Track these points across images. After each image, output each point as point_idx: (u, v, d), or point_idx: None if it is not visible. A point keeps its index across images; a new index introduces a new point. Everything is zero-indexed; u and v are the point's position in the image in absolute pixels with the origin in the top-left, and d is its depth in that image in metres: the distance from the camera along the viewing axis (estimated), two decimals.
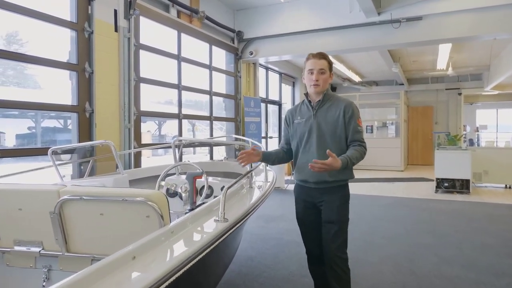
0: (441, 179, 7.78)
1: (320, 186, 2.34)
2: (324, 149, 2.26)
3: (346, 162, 2.18)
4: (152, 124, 14.48)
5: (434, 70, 12.23)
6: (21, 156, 4.52)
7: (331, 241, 2.31)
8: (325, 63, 2.34)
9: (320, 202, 2.38)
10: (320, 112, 2.37)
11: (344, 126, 2.32)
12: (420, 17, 6.74)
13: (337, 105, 2.35)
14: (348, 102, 2.37)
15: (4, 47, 4.06)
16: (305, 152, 2.39)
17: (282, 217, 5.65)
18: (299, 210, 2.52)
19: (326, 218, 2.35)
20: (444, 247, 4.17)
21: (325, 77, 2.34)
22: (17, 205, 1.84)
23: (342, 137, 2.33)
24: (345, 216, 2.37)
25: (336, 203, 2.33)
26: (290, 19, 7.78)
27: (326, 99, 2.39)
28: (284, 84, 11.55)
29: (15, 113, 6.83)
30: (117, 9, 5.16)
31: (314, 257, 2.53)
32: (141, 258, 1.33)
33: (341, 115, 2.31)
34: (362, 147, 2.30)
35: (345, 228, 2.36)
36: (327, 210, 2.35)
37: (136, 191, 1.71)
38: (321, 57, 2.35)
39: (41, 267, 1.96)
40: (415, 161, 14.16)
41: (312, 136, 2.36)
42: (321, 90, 2.35)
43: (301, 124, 2.43)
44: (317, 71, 2.31)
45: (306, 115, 2.42)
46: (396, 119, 13.40)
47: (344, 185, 2.39)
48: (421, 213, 5.97)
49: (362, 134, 2.36)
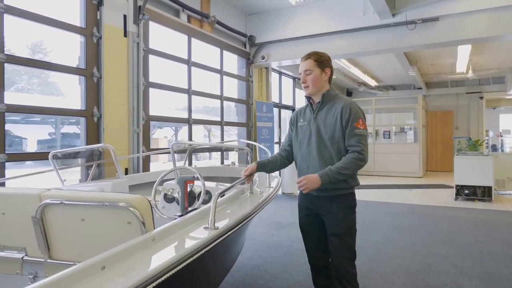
0: (461, 186, 7.45)
1: (322, 194, 2.19)
2: (324, 154, 2.18)
3: (326, 175, 2.04)
4: (169, 130, 14.61)
5: (453, 74, 11.86)
6: (25, 160, 4.55)
7: (337, 255, 2.19)
8: (311, 62, 2.21)
9: (323, 211, 2.24)
10: (320, 115, 2.24)
11: (342, 130, 2.15)
12: (436, 17, 6.51)
13: (336, 106, 2.20)
14: (346, 102, 2.19)
15: (12, 52, 4.10)
16: (305, 157, 2.27)
17: (293, 225, 5.48)
18: (301, 219, 2.40)
19: (330, 231, 2.22)
20: (462, 258, 3.93)
21: (313, 76, 2.20)
22: (0, 210, 1.78)
23: (341, 141, 2.16)
24: (350, 228, 2.21)
25: (340, 214, 2.18)
26: (302, 22, 7.67)
27: (326, 100, 2.24)
28: (298, 89, 11.41)
29: (37, 120, 6.98)
30: (126, 14, 5.17)
31: (317, 268, 2.40)
32: (111, 268, 1.23)
33: (338, 117, 2.15)
34: (355, 153, 2.09)
35: (351, 241, 2.20)
36: (331, 222, 2.21)
37: (118, 196, 1.62)
38: (307, 57, 2.24)
39: (27, 273, 1.89)
40: (434, 167, 13.71)
41: (312, 141, 2.23)
42: (311, 92, 2.24)
43: (303, 127, 2.32)
44: (303, 73, 2.23)
45: (308, 117, 2.31)
46: (414, 124, 13.03)
47: (348, 193, 2.22)
48: (439, 221, 5.70)
49: (362, 138, 2.13)
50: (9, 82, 4.24)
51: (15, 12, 3.93)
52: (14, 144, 6.09)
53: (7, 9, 3.83)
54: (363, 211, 2.36)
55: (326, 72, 2.24)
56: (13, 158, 3.99)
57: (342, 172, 2.05)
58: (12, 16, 3.93)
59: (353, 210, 2.24)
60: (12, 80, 4.47)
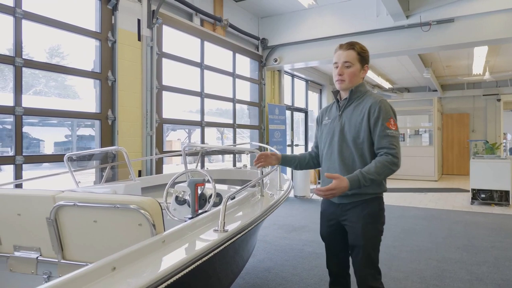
0: (477, 190, 7.30)
1: (342, 201, 2.00)
2: (346, 156, 1.98)
3: (357, 181, 1.81)
4: (183, 132, 14.72)
5: (469, 75, 11.64)
6: (41, 162, 4.66)
7: (359, 268, 2.00)
8: (353, 54, 1.98)
9: (343, 220, 2.03)
10: (346, 112, 2.03)
11: (369, 130, 1.92)
12: (452, 19, 6.42)
13: (364, 104, 1.98)
14: (376, 100, 1.96)
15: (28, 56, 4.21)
16: (327, 159, 2.08)
17: (305, 228, 5.47)
18: (322, 227, 2.21)
19: (351, 241, 2.02)
20: (478, 264, 3.84)
21: (352, 70, 1.98)
22: (16, 210, 1.83)
23: (365, 143, 1.94)
24: (373, 239, 1.97)
25: (360, 223, 1.95)
26: (315, 25, 7.65)
27: (354, 97, 2.02)
28: (310, 92, 11.38)
29: (54, 122, 7.13)
30: (140, 18, 5.25)
31: (335, 276, 2.23)
32: (122, 269, 1.25)
33: (366, 117, 1.93)
34: (389, 156, 1.86)
35: (373, 254, 1.98)
36: (351, 232, 2.00)
37: (129, 198, 1.65)
38: (348, 47, 2.00)
39: (42, 273, 1.93)
40: (450, 170, 13.47)
41: (334, 141, 2.03)
42: (347, 86, 2.00)
43: (327, 125, 2.11)
44: (341, 64, 1.98)
45: (333, 115, 2.10)
46: (430, 127, 12.83)
47: (371, 199, 1.97)
48: (454, 226, 5.59)
49: (394, 139, 1.90)
50: (27, 86, 4.35)
51: (33, 18, 4.04)
52: (31, 146, 6.24)
53: (25, 15, 3.94)
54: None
55: (365, 69, 2.05)
56: (30, 160, 4.09)
57: (374, 178, 1.83)
58: (30, 21, 4.03)
59: (376, 219, 1.99)
60: (30, 84, 4.59)
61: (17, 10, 3.85)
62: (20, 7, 3.88)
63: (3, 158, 4.16)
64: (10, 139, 3.99)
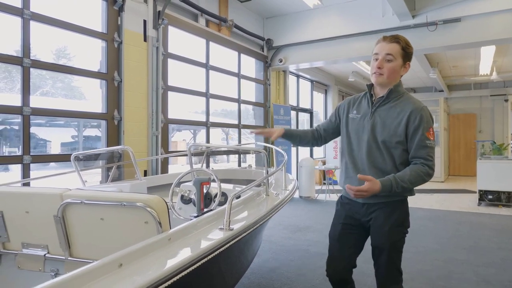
0: (484, 191, 7.24)
1: (368, 201, 1.92)
2: (375, 157, 1.91)
3: (389, 186, 1.77)
4: (188, 133, 14.78)
5: (476, 76, 11.56)
6: (48, 162, 4.71)
7: (381, 271, 1.95)
8: (397, 47, 1.85)
9: (368, 220, 1.96)
10: (379, 111, 1.92)
11: (406, 137, 1.85)
12: (458, 18, 6.38)
13: (403, 107, 1.87)
14: (418, 106, 1.86)
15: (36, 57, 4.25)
16: (351, 154, 2.00)
17: (310, 228, 5.46)
18: (336, 226, 2.09)
19: (374, 242, 1.96)
20: (484, 265, 3.81)
21: (393, 65, 1.85)
22: (24, 208, 1.85)
23: (398, 148, 1.87)
24: (398, 242, 1.92)
25: (387, 224, 1.90)
26: (320, 25, 7.65)
27: (393, 97, 1.91)
28: (316, 92, 11.37)
29: (61, 123, 7.20)
30: (146, 19, 5.29)
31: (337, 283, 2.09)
32: (128, 266, 1.26)
33: (404, 122, 1.84)
34: (426, 167, 1.82)
35: (397, 257, 1.93)
36: (376, 233, 1.94)
37: (135, 196, 1.66)
38: (393, 39, 1.87)
39: (49, 270, 1.95)
40: (457, 171, 13.37)
41: (363, 139, 1.93)
42: (384, 81, 1.88)
43: (355, 120, 2.00)
44: (383, 57, 1.85)
45: (363, 111, 1.98)
46: (436, 127, 12.75)
47: (399, 201, 1.93)
48: (461, 227, 5.55)
49: (432, 151, 1.85)
50: (35, 87, 4.39)
51: (41, 19, 4.09)
52: (39, 146, 6.29)
53: (33, 16, 3.98)
54: None
55: (406, 67, 1.93)
56: (37, 160, 4.13)
57: (406, 186, 1.80)
58: (38, 22, 4.08)
59: (403, 223, 1.94)
60: (38, 85, 4.64)
61: (25, 11, 3.90)
62: (28, 9, 3.92)
63: (11, 158, 4.21)
64: (18, 139, 4.04)
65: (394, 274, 1.94)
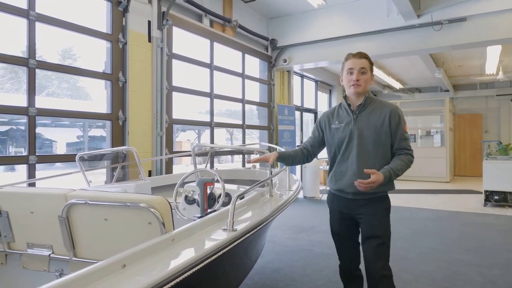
0: (490, 191, 7.18)
1: (358, 197, 2.18)
2: (365, 157, 2.16)
3: (389, 175, 2.05)
4: (192, 133, 14.82)
5: (482, 75, 11.46)
6: (53, 162, 4.73)
7: (375, 259, 2.14)
8: (366, 62, 2.18)
9: (358, 214, 2.22)
10: (361, 117, 2.20)
11: (390, 133, 2.16)
12: (464, 18, 6.34)
13: (381, 109, 2.19)
14: (394, 107, 2.21)
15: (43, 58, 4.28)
16: (344, 160, 2.22)
17: (314, 229, 5.45)
18: (335, 222, 2.37)
19: (368, 233, 2.19)
20: (490, 267, 3.78)
21: (366, 77, 2.18)
22: (29, 208, 1.87)
23: (386, 144, 2.17)
24: (388, 230, 2.20)
25: (378, 216, 2.17)
26: (324, 25, 7.63)
27: (368, 103, 2.21)
28: (320, 92, 11.34)
29: (66, 123, 7.23)
30: (151, 20, 5.30)
31: (349, 273, 2.39)
32: (131, 266, 1.27)
33: (387, 121, 2.15)
34: (408, 155, 2.16)
35: (388, 243, 2.20)
36: (368, 224, 2.19)
37: (139, 196, 1.67)
38: (361, 56, 2.19)
39: (54, 270, 1.96)
40: (463, 172, 13.28)
41: (352, 143, 2.19)
42: (362, 90, 2.18)
43: (339, 129, 2.25)
44: (358, 71, 2.15)
45: (345, 119, 2.24)
46: (441, 127, 12.68)
47: (385, 196, 2.23)
48: (466, 228, 5.51)
49: (409, 141, 2.21)
50: (40, 87, 4.43)
51: (46, 20, 4.11)
52: (44, 146, 6.33)
53: (38, 17, 4.01)
54: None
55: (373, 76, 2.27)
56: (43, 160, 4.16)
57: (400, 173, 2.10)
58: (43, 23, 4.10)
59: (389, 212, 2.25)
60: (43, 85, 4.67)
61: (30, 12, 3.92)
62: (33, 10, 3.95)
63: (17, 158, 4.24)
64: (24, 139, 4.07)
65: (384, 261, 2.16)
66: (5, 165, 4.57)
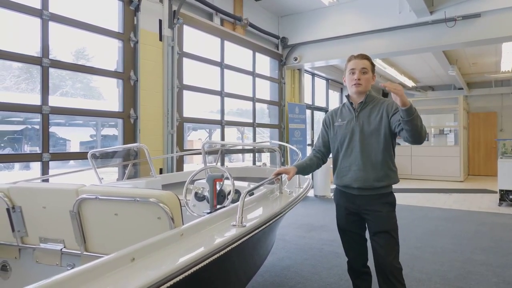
0: (505, 191, 7.03)
1: (364, 193, 2.23)
2: (368, 151, 2.21)
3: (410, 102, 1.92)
4: (203, 132, 14.90)
5: (497, 73, 11.25)
6: (66, 159, 4.81)
7: (386, 253, 2.17)
8: (367, 63, 2.28)
9: (365, 211, 2.25)
10: (362, 114, 2.27)
11: (389, 121, 2.18)
12: (478, 14, 6.22)
13: (380, 105, 2.26)
14: (390, 101, 2.26)
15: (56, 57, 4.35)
16: (347, 156, 2.28)
17: (324, 227, 5.42)
18: (341, 218, 2.41)
19: (376, 229, 2.22)
20: (505, 267, 3.70)
21: (367, 77, 2.27)
22: (42, 203, 1.90)
23: (387, 136, 2.20)
24: (395, 224, 2.24)
25: (385, 211, 2.21)
26: (335, 23, 7.58)
27: (369, 101, 2.29)
28: (331, 91, 11.28)
29: (80, 122, 7.36)
30: (162, 19, 5.34)
31: (357, 269, 2.43)
32: (140, 260, 1.28)
33: (385, 113, 2.20)
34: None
35: (396, 237, 2.23)
36: (376, 221, 2.22)
37: (148, 191, 1.68)
38: (363, 57, 2.30)
39: (66, 265, 1.99)
40: (477, 171, 13.04)
41: (355, 139, 2.26)
42: (363, 90, 2.26)
43: (342, 126, 2.33)
44: (359, 70, 2.24)
45: (348, 117, 2.33)
46: (455, 126, 12.47)
47: (388, 192, 2.27)
48: (480, 227, 5.41)
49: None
50: (55, 87, 4.49)
51: (59, 20, 4.17)
52: (58, 145, 6.44)
53: (52, 17, 4.07)
54: (398, 215, 2.30)
55: (374, 77, 2.34)
56: (56, 157, 4.23)
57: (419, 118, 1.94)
58: (56, 23, 4.17)
59: (394, 207, 2.27)
60: (57, 85, 4.74)
61: (44, 12, 3.99)
62: (47, 9, 4.02)
63: (31, 156, 4.32)
64: (38, 138, 4.14)
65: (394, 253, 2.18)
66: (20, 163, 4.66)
